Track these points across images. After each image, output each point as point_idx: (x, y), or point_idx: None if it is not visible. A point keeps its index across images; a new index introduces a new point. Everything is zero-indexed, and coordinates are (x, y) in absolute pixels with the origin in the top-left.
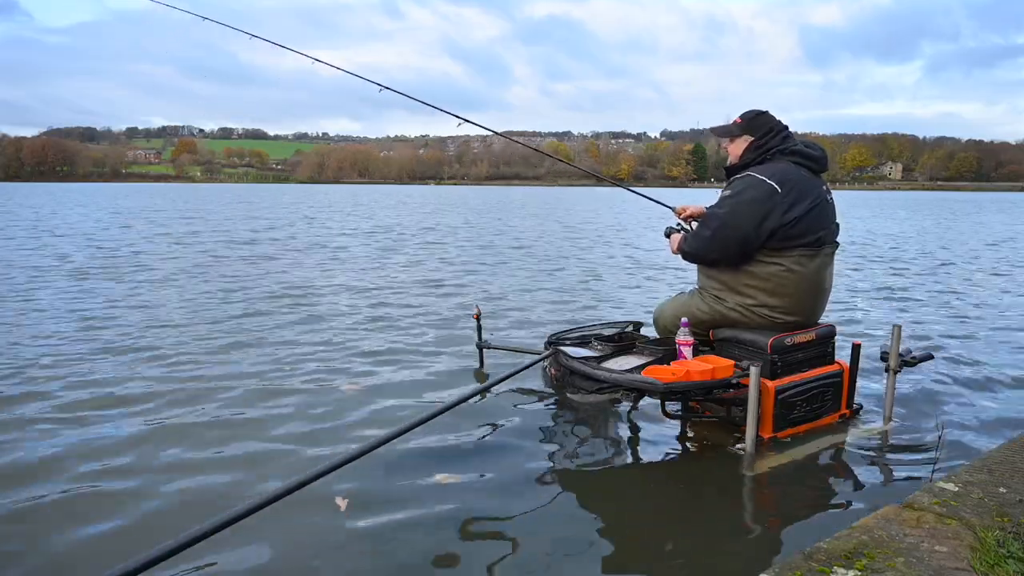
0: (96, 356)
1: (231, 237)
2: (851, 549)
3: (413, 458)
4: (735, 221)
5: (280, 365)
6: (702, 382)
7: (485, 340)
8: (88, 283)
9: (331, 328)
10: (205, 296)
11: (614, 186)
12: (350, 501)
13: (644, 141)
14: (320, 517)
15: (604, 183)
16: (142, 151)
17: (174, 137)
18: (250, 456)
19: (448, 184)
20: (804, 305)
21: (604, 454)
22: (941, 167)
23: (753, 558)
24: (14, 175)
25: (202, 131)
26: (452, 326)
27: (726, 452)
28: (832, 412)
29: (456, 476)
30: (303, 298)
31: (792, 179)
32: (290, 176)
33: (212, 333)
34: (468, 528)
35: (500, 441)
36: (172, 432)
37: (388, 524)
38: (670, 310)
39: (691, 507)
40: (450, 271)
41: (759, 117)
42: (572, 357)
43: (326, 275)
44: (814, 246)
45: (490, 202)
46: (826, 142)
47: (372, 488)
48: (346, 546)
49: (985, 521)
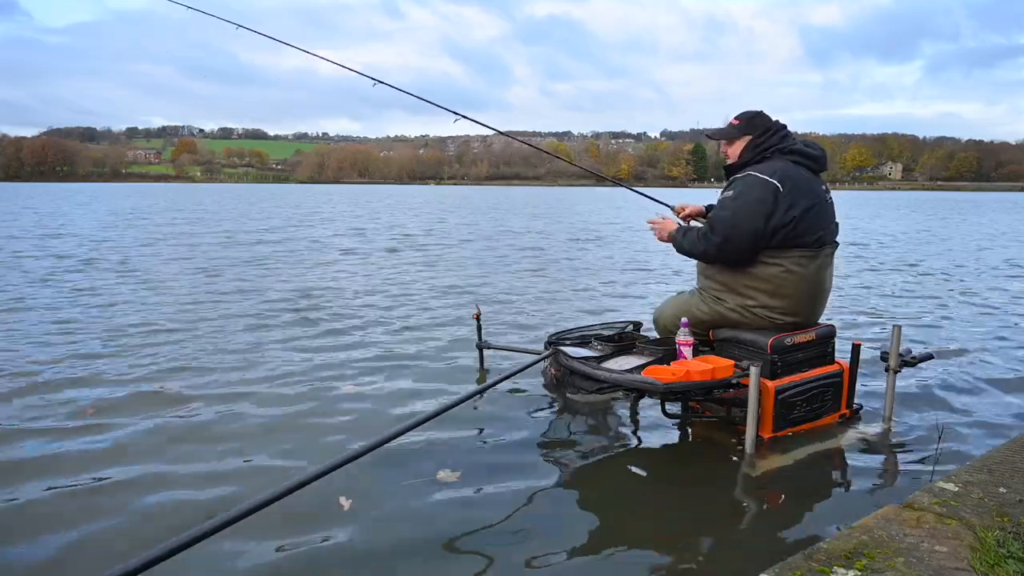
0: (101, 354)
1: (236, 240)
2: (851, 549)
3: (413, 458)
4: (742, 222)
5: (280, 364)
6: (702, 382)
7: (485, 340)
8: (109, 283)
9: (331, 328)
10: (209, 296)
11: (615, 185)
12: (353, 501)
13: (644, 141)
14: (324, 516)
15: (604, 183)
16: (142, 151)
17: (174, 137)
18: (246, 457)
19: (448, 184)
20: (804, 306)
21: (604, 454)
22: (941, 167)
23: (753, 558)
24: (14, 175)
25: (202, 131)
26: (452, 326)
27: (726, 452)
28: (832, 412)
29: (456, 476)
30: (304, 298)
31: (792, 178)
32: (290, 176)
33: (214, 333)
34: (467, 528)
35: (500, 441)
36: (172, 432)
37: (387, 524)
38: (670, 310)
39: (691, 507)
40: (450, 271)
41: (757, 117)
42: (572, 357)
43: (326, 275)
44: (814, 246)
45: (490, 202)
46: (826, 142)
47: (371, 488)
48: (348, 545)
49: (985, 521)
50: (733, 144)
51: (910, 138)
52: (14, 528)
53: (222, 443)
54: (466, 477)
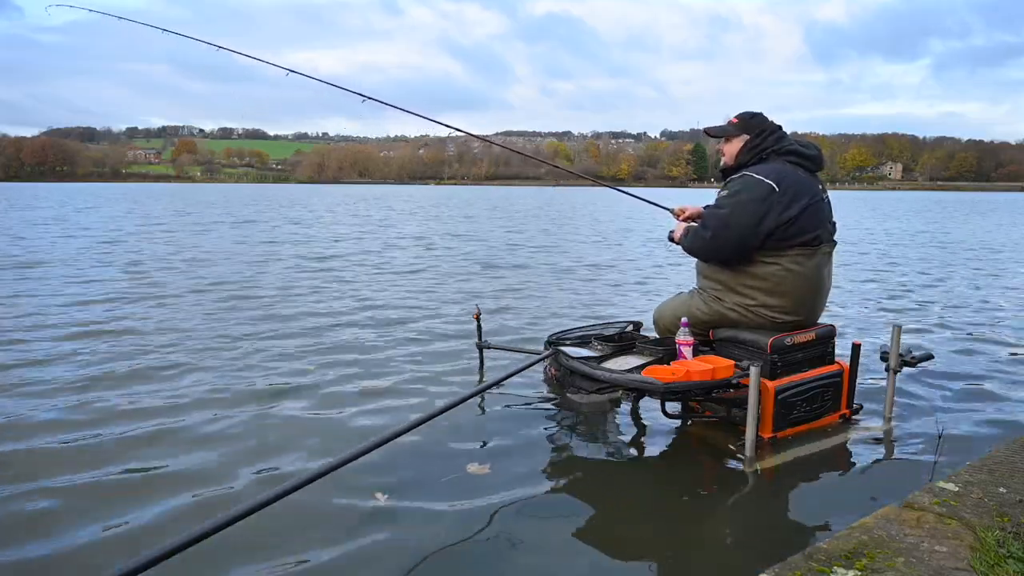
0: (114, 354)
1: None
2: (851, 549)
3: (412, 458)
4: (735, 221)
5: (280, 364)
6: (702, 382)
7: (485, 340)
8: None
9: (331, 328)
10: (212, 301)
11: (612, 187)
12: (387, 494)
13: (644, 141)
14: (336, 515)
15: (602, 184)
16: (142, 151)
17: (174, 137)
18: (244, 458)
19: (448, 184)
20: (803, 305)
21: (604, 454)
22: (941, 167)
23: (753, 558)
24: (14, 175)
25: (202, 131)
26: (452, 326)
27: (726, 452)
28: (832, 412)
29: (456, 475)
30: (306, 298)
31: (789, 178)
32: (290, 176)
33: (215, 334)
34: (466, 527)
35: (500, 441)
36: (173, 431)
37: (386, 523)
38: (670, 310)
39: (691, 507)
40: (450, 271)
41: (755, 118)
42: (572, 357)
43: (327, 275)
44: (811, 245)
45: (491, 203)
46: (826, 142)
47: (370, 486)
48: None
49: (985, 521)
50: (731, 143)
51: (910, 138)
52: (14, 528)
53: (216, 445)
54: (464, 477)
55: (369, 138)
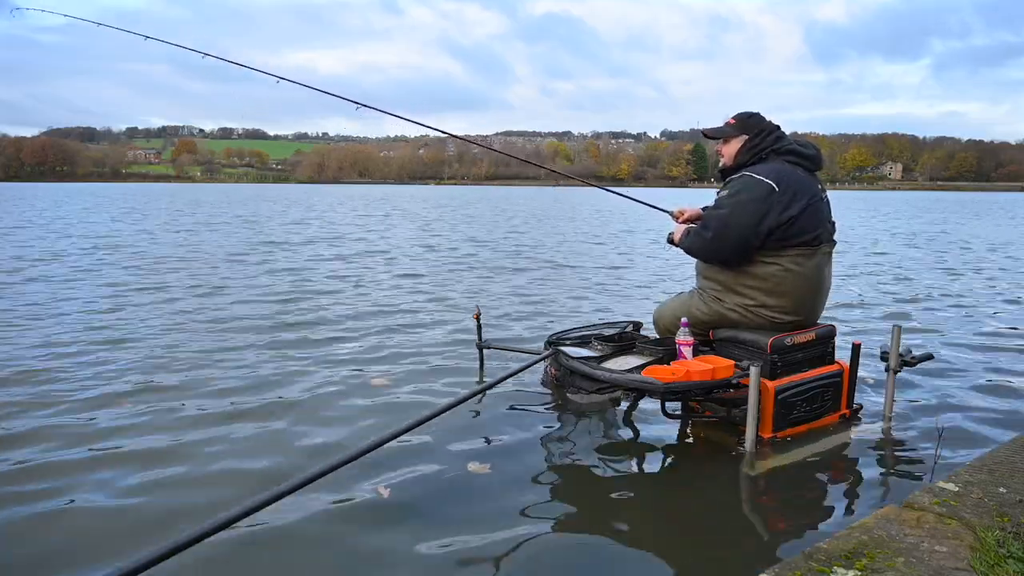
0: (118, 347)
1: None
2: (851, 549)
3: (413, 457)
4: (735, 221)
5: (280, 364)
6: (702, 382)
7: (485, 340)
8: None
9: (331, 328)
10: (213, 301)
11: (606, 189)
12: (389, 492)
13: (644, 141)
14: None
15: (602, 185)
16: (142, 151)
17: (174, 137)
18: (244, 458)
19: (448, 184)
20: (803, 305)
21: (604, 454)
22: (941, 167)
23: (753, 558)
24: (14, 175)
25: (202, 131)
26: (452, 326)
27: (726, 452)
28: (832, 412)
29: (456, 474)
30: (306, 299)
31: (788, 178)
32: (290, 176)
33: (216, 333)
34: (466, 527)
35: (500, 441)
36: (172, 431)
37: (387, 521)
38: (670, 310)
39: (691, 507)
40: (450, 270)
41: (753, 118)
42: (572, 357)
43: (326, 275)
44: (811, 245)
45: (491, 203)
46: (825, 142)
47: (371, 486)
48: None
49: (985, 521)
50: (729, 144)
51: (910, 138)
52: (14, 528)
53: (220, 443)
54: (464, 477)
55: (369, 138)
